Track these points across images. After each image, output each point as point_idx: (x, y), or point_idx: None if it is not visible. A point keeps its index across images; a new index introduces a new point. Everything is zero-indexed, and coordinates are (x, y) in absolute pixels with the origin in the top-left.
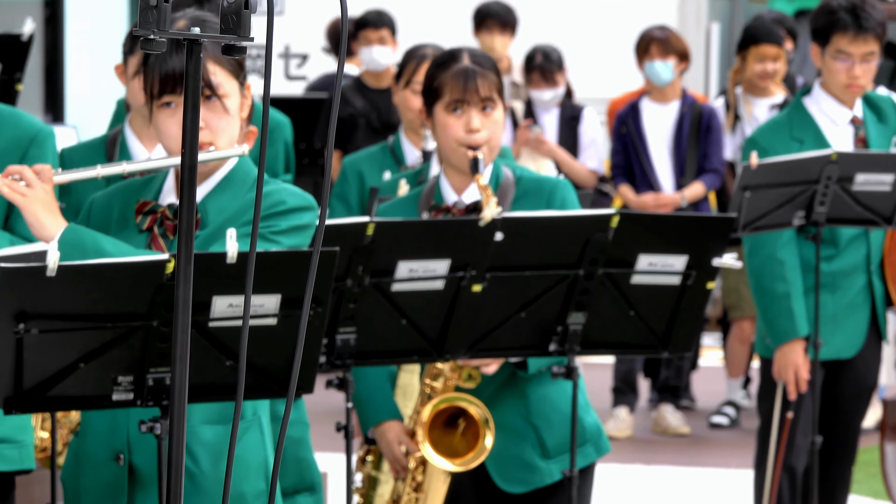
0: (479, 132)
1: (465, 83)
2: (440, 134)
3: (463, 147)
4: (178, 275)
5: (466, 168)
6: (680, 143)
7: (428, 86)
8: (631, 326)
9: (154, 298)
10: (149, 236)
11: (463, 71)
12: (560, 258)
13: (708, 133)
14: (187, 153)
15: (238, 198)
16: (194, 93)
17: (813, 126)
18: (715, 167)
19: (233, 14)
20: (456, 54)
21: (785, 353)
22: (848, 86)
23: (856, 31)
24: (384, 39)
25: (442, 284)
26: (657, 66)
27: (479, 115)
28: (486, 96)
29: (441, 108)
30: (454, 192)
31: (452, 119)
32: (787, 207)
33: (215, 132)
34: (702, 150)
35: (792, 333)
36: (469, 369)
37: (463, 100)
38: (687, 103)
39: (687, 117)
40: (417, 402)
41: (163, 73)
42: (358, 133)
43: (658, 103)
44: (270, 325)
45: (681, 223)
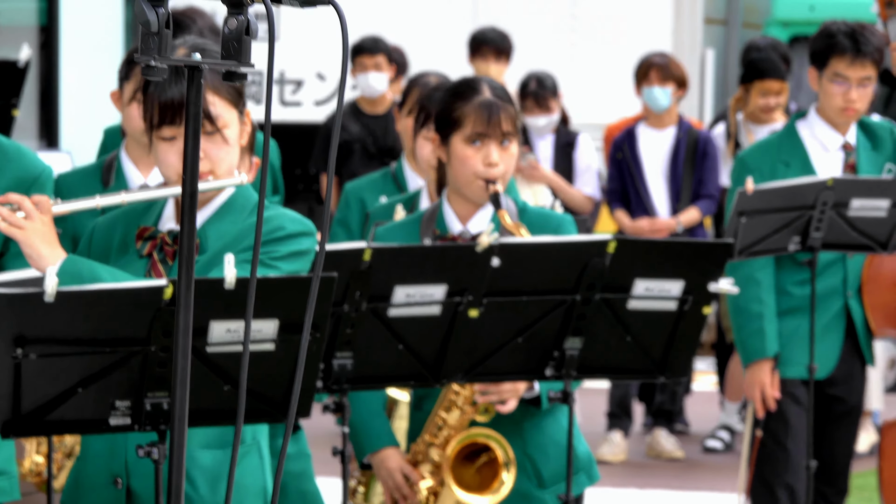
0: (497, 166)
1: (488, 117)
2: (456, 165)
3: (480, 180)
4: (178, 300)
5: (480, 200)
6: (676, 169)
7: (445, 115)
8: (627, 351)
9: (152, 323)
10: (149, 262)
11: (487, 104)
12: (557, 283)
13: (704, 159)
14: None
15: (238, 223)
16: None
17: (801, 150)
18: (710, 192)
19: (234, 41)
20: (475, 85)
21: (753, 371)
22: (844, 109)
23: (854, 55)
24: (380, 65)
25: (439, 309)
26: (656, 91)
27: (497, 148)
28: (507, 131)
29: (460, 139)
30: (459, 220)
31: (471, 151)
32: (783, 233)
33: (215, 162)
34: (697, 176)
35: (761, 353)
36: (485, 404)
37: (485, 133)
38: (683, 129)
39: (683, 143)
40: (425, 432)
41: (163, 101)
42: (354, 158)
43: (654, 129)
44: (268, 351)
45: (677, 248)
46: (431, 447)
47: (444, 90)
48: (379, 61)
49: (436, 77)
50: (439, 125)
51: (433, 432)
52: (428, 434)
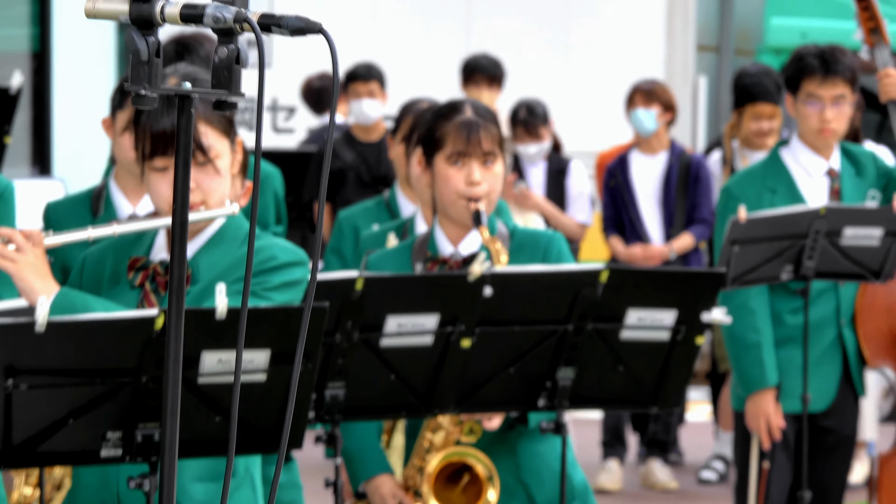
0: (479, 185)
1: (467, 135)
2: (439, 185)
3: (463, 199)
4: (168, 330)
5: (465, 220)
6: (668, 194)
7: (429, 136)
8: (620, 381)
9: (143, 354)
10: (141, 292)
11: (466, 123)
12: (549, 313)
13: (696, 183)
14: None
15: (230, 253)
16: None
17: (786, 176)
18: (704, 217)
19: (224, 69)
20: (458, 105)
21: (756, 402)
22: (820, 130)
23: (824, 74)
24: (373, 92)
25: (431, 339)
26: (640, 113)
27: (480, 167)
28: (488, 150)
29: (442, 159)
30: (450, 243)
31: (453, 171)
32: (776, 262)
33: (206, 192)
34: (690, 201)
35: (762, 383)
36: (470, 423)
37: (465, 152)
38: (675, 154)
39: (675, 168)
40: (414, 455)
41: (155, 132)
42: (347, 186)
43: (646, 155)
44: (260, 381)
45: (670, 278)
46: (421, 471)
47: (430, 112)
48: (372, 88)
49: (429, 103)
50: (423, 146)
51: (421, 456)
52: (417, 458)
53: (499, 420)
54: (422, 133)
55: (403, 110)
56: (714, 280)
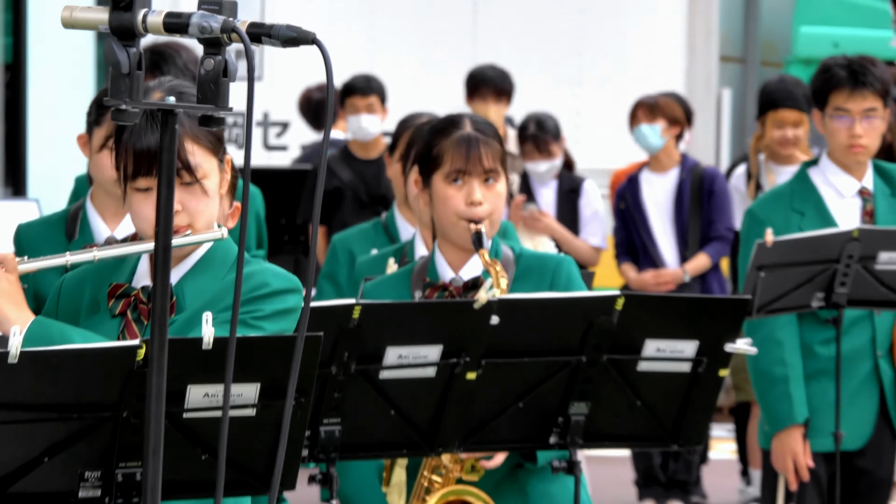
0: (480, 205)
1: (467, 152)
2: (438, 206)
3: (463, 221)
4: (150, 362)
5: (465, 243)
6: (681, 213)
7: (426, 154)
8: (637, 417)
9: (124, 387)
10: (122, 321)
11: (465, 139)
12: (561, 343)
13: (711, 197)
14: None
15: (217, 280)
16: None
17: (815, 197)
18: (720, 234)
19: (210, 83)
20: (457, 120)
21: (782, 440)
22: (850, 147)
23: (852, 87)
24: (373, 107)
25: (434, 372)
26: (643, 129)
27: (480, 186)
28: (490, 167)
29: (440, 178)
30: (451, 268)
31: (452, 190)
32: (806, 288)
33: (193, 215)
34: (706, 217)
35: (789, 420)
36: (472, 461)
37: (464, 170)
38: (686, 168)
39: (686, 183)
40: (413, 497)
41: (138, 150)
42: (344, 206)
43: (656, 173)
44: (249, 416)
45: (691, 305)
46: None
47: (427, 128)
48: (371, 102)
49: (428, 118)
50: (420, 165)
51: (420, 496)
52: (416, 499)
53: (500, 458)
54: (419, 150)
55: (401, 126)
56: (739, 308)
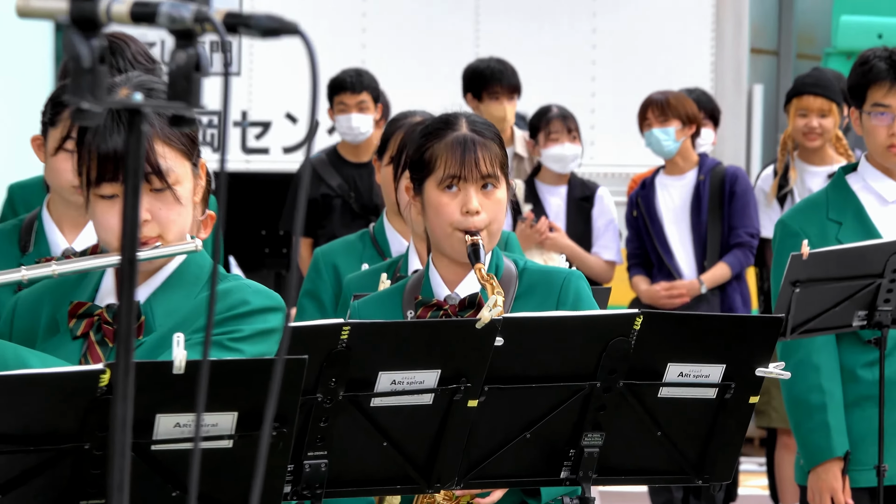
0: (477, 214)
1: (462, 155)
2: (431, 215)
3: (458, 232)
4: (115, 389)
5: (461, 256)
6: (699, 219)
7: (417, 157)
8: (658, 449)
9: (86, 417)
10: (84, 344)
11: (460, 141)
12: (572, 367)
13: (732, 199)
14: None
15: (190, 297)
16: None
17: (854, 204)
18: (742, 241)
19: (182, 78)
20: (451, 120)
21: (819, 475)
22: (890, 147)
23: (893, 80)
24: (364, 105)
25: (431, 399)
26: (655, 134)
27: (478, 193)
28: (488, 172)
29: (433, 184)
30: (446, 285)
31: (446, 198)
32: (846, 306)
33: (164, 225)
34: (727, 223)
35: (827, 453)
36: (468, 497)
37: (459, 175)
38: (705, 169)
39: (706, 185)
40: None
41: (102, 153)
42: (333, 216)
43: (672, 177)
44: (225, 449)
45: (718, 325)
46: None
47: (419, 129)
48: (363, 100)
49: (422, 117)
50: (412, 170)
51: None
52: None
53: (498, 494)
54: (410, 154)
55: (390, 125)
56: (771, 328)
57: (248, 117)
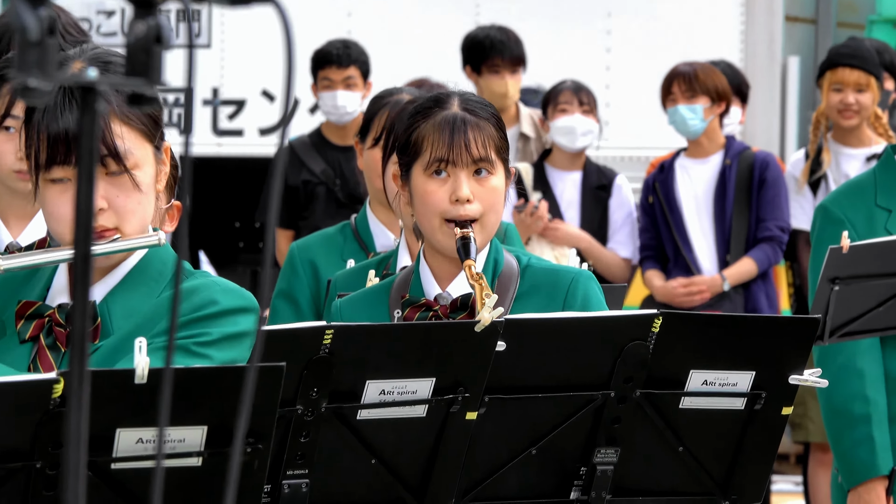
0: (468, 203)
1: (451, 136)
2: (418, 205)
3: (448, 224)
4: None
5: (451, 251)
6: (724, 208)
7: (404, 140)
8: (679, 467)
9: (38, 432)
10: (33, 348)
11: (450, 120)
12: (584, 375)
13: (762, 188)
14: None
15: (151, 296)
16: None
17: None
18: (771, 235)
19: (141, 52)
20: (442, 99)
21: (860, 495)
22: None
23: None
24: (352, 82)
25: (424, 411)
26: (681, 111)
27: (469, 180)
28: (480, 156)
29: (419, 169)
30: (437, 283)
31: (434, 185)
32: (891, 306)
33: (122, 215)
34: (754, 214)
35: (871, 471)
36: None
37: (448, 159)
38: (732, 153)
39: (732, 171)
40: None
41: (52, 134)
42: (316, 205)
43: (695, 160)
44: (194, 467)
45: (747, 327)
46: None
47: (408, 109)
48: (350, 75)
49: (409, 94)
50: (399, 154)
51: None
52: None
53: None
54: (397, 137)
55: (374, 104)
56: (807, 330)
57: (220, 95)
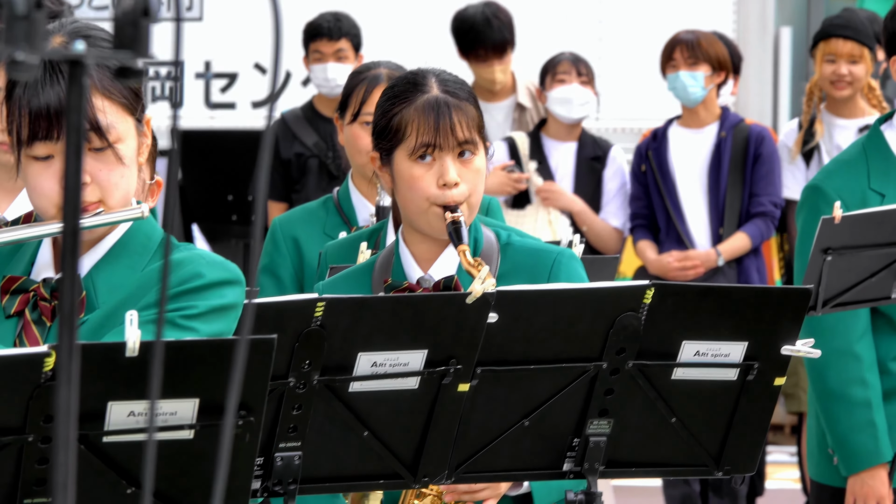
0: (456, 186)
1: (436, 121)
2: (402, 189)
3: (436, 207)
4: (58, 374)
5: (437, 232)
6: (718, 181)
7: (384, 124)
8: (672, 438)
9: (29, 406)
10: (19, 323)
11: (433, 104)
12: (576, 347)
13: (756, 163)
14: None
15: (136, 270)
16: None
17: (893, 163)
18: (765, 210)
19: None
20: (420, 80)
21: (864, 481)
22: None
23: None
24: (343, 54)
25: (416, 383)
26: (682, 77)
27: (455, 162)
28: (465, 139)
29: (403, 154)
30: (419, 265)
31: (420, 170)
32: (883, 276)
33: (105, 189)
34: (748, 188)
35: (875, 457)
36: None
37: (434, 144)
38: (727, 125)
39: (727, 143)
40: None
41: (35, 109)
42: (308, 178)
43: (690, 129)
44: (185, 440)
45: (739, 298)
46: None
47: (384, 93)
48: (341, 48)
49: (387, 69)
50: (378, 138)
51: None
52: None
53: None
54: (375, 120)
55: (353, 78)
56: (799, 300)
57: (212, 68)
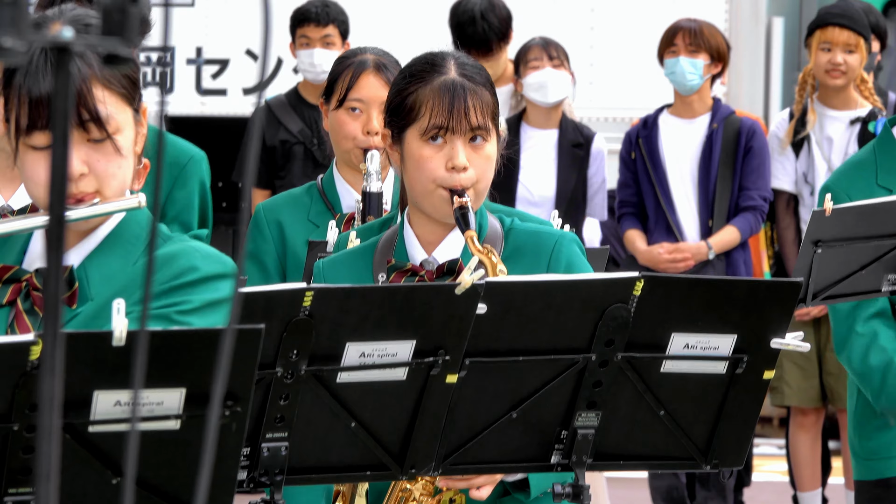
0: (465, 170)
1: (451, 103)
2: (411, 168)
3: (442, 189)
4: (44, 362)
5: (442, 215)
6: (708, 172)
7: (398, 102)
8: (661, 431)
9: (15, 394)
10: (11, 313)
11: (449, 86)
12: (565, 338)
13: (747, 157)
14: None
15: (129, 260)
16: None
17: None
18: (754, 203)
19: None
20: (438, 61)
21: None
22: None
23: None
24: (330, 40)
25: (404, 374)
26: (682, 63)
27: (465, 147)
28: (478, 124)
29: (415, 133)
30: (423, 247)
31: (430, 150)
32: (874, 268)
33: (102, 179)
34: (738, 181)
35: None
36: (451, 493)
37: (446, 126)
38: (719, 117)
39: (718, 135)
40: None
41: (34, 97)
42: (293, 165)
43: (681, 119)
44: (172, 430)
45: (728, 290)
46: None
47: (401, 72)
48: (328, 34)
49: (374, 55)
50: (391, 116)
51: None
52: None
53: (488, 490)
54: (389, 99)
55: (338, 64)
56: (789, 293)
57: (204, 54)
